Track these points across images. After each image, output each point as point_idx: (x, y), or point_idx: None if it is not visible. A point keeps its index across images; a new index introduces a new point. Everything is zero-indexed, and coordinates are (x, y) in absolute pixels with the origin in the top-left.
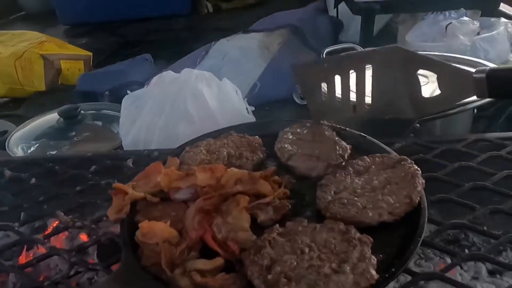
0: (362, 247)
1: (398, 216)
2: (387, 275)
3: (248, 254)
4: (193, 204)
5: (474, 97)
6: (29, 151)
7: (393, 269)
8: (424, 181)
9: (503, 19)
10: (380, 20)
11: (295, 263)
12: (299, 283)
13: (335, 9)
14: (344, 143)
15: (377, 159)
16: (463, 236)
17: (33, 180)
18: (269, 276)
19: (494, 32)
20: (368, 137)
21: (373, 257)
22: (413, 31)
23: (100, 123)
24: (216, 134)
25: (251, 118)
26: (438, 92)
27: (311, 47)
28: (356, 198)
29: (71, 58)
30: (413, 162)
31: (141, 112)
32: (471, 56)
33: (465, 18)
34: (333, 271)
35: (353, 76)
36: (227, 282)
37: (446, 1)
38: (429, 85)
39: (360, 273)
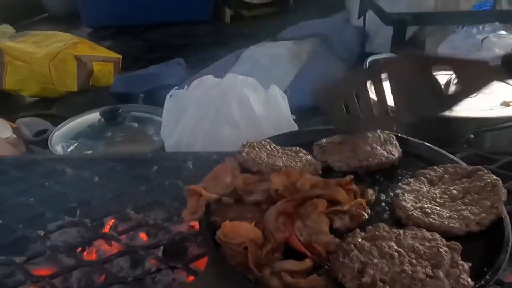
0: (452, 254)
1: (484, 227)
2: (482, 283)
3: (337, 257)
4: (273, 207)
5: None
6: (68, 150)
7: (487, 277)
8: (506, 191)
9: None
10: (408, 31)
11: (386, 268)
12: (393, 287)
13: (361, 19)
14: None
15: (449, 169)
16: None
17: (96, 179)
18: (364, 279)
19: None
20: (432, 146)
21: (465, 264)
22: (445, 43)
23: (136, 124)
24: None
25: (295, 126)
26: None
27: (339, 56)
28: (437, 208)
29: (103, 60)
30: (489, 172)
31: (183, 114)
32: None
33: (503, 32)
34: (427, 276)
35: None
36: (318, 283)
37: (480, 16)
38: None
39: (455, 279)
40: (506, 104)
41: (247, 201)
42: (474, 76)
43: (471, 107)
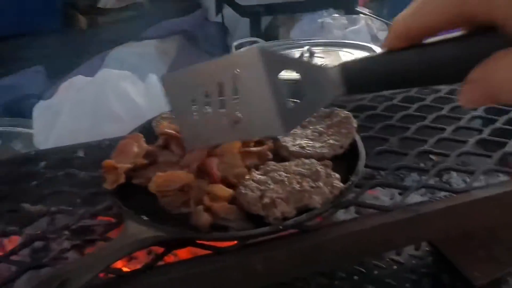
0: (326, 169)
1: (345, 148)
2: (350, 183)
3: (240, 190)
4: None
5: None
6: None
7: (352, 179)
8: (356, 121)
9: (362, 15)
10: (263, 22)
11: (281, 190)
12: (288, 201)
13: (220, 15)
14: None
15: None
16: None
17: None
18: (264, 201)
19: (358, 25)
20: None
21: (336, 174)
22: (295, 29)
23: None
24: None
25: None
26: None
27: (205, 51)
28: (310, 142)
29: None
30: (342, 110)
31: (57, 118)
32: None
33: (336, 15)
34: (312, 188)
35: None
36: (230, 210)
37: (317, 3)
38: None
39: (331, 185)
40: None
41: (160, 161)
42: (318, 87)
43: None
